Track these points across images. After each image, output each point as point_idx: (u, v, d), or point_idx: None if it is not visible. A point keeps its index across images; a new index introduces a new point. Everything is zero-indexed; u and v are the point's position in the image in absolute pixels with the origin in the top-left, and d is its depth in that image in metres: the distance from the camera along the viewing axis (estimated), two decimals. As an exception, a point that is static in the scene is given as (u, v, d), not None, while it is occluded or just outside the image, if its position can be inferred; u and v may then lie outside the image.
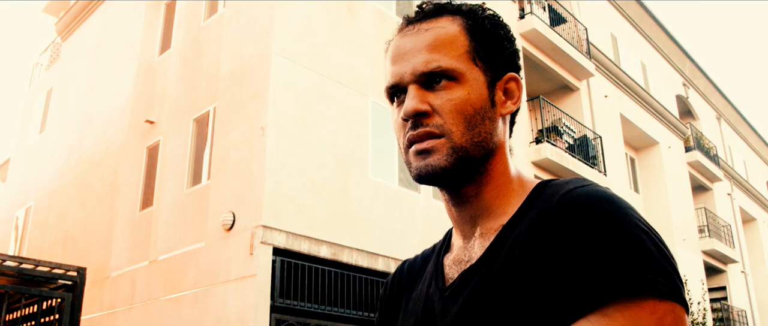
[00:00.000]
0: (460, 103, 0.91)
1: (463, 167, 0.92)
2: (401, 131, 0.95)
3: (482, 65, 0.94)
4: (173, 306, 8.65)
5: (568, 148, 13.37)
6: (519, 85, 0.97)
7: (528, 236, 0.83)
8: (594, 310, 0.73)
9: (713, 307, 18.68)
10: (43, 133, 14.90)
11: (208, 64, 9.97)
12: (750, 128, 26.51)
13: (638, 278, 0.73)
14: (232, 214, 8.15)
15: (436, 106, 0.91)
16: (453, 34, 0.94)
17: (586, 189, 0.83)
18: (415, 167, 0.93)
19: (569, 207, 0.81)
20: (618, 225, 0.77)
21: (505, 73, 0.97)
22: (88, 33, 14.44)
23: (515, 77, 0.97)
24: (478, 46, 0.94)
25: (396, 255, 9.09)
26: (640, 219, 0.80)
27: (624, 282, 0.73)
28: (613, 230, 0.77)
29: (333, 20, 9.56)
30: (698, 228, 19.13)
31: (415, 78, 0.93)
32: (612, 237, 0.76)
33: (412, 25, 0.99)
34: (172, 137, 10.11)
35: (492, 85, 0.95)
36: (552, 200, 0.84)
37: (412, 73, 0.94)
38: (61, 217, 12.53)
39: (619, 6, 18.69)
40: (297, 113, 8.60)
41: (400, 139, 0.96)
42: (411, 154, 0.93)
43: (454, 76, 0.92)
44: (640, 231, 0.78)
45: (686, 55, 21.75)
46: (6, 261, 5.46)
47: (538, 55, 13.98)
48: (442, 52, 0.93)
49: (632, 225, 0.78)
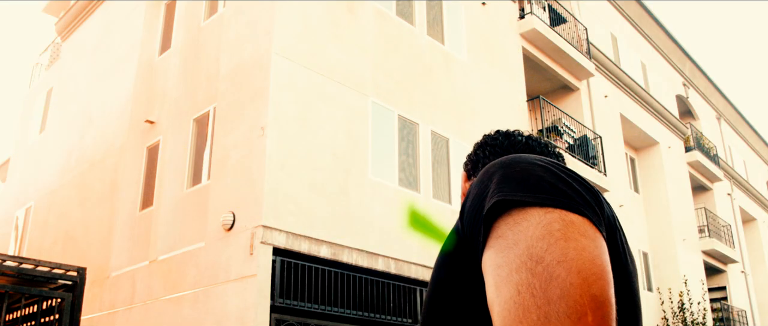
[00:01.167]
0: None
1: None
2: None
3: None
4: (173, 306, 8.65)
5: (568, 148, 13.37)
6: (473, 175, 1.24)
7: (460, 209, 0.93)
8: (489, 236, 0.78)
9: (713, 307, 18.68)
10: (43, 133, 14.90)
11: (208, 64, 9.96)
12: (750, 128, 26.51)
13: (522, 194, 0.77)
14: (232, 214, 8.15)
15: None
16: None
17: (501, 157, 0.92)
18: None
19: (480, 171, 0.90)
20: (509, 165, 0.84)
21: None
22: (88, 33, 14.44)
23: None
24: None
25: (396, 255, 9.09)
26: (540, 161, 0.84)
27: (507, 200, 0.77)
28: (504, 169, 0.84)
29: (333, 20, 9.56)
30: (698, 228, 19.13)
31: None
32: (502, 173, 0.83)
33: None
34: (172, 137, 10.11)
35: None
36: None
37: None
38: (61, 217, 12.53)
39: (619, 6, 18.69)
40: (297, 113, 8.60)
41: None
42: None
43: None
44: (534, 166, 0.83)
45: (686, 55, 21.75)
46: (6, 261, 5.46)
47: (538, 55, 13.98)
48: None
49: (526, 162, 0.84)
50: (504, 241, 0.75)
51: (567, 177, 0.81)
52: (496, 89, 12.30)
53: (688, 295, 16.16)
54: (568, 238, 0.72)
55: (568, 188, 0.79)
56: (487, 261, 0.77)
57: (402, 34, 10.72)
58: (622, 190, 15.61)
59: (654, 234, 17.40)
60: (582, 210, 0.76)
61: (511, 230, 0.75)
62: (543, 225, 0.74)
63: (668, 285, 16.53)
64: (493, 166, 0.86)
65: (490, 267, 0.76)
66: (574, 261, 0.70)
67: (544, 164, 0.83)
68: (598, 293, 0.68)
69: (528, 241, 0.73)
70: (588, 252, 0.71)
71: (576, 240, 0.72)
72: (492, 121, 11.65)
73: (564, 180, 0.80)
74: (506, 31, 13.33)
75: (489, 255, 0.77)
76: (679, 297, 16.20)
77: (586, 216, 0.76)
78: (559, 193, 0.77)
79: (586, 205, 0.78)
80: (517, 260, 0.72)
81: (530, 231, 0.74)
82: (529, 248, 0.72)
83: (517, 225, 0.75)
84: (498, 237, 0.77)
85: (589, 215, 0.76)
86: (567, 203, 0.76)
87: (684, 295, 16.16)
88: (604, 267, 0.71)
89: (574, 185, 0.80)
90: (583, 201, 0.78)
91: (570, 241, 0.72)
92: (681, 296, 16.10)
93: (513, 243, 0.74)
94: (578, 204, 0.77)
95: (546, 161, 0.84)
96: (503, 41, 13.11)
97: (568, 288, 0.68)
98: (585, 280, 0.69)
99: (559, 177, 0.80)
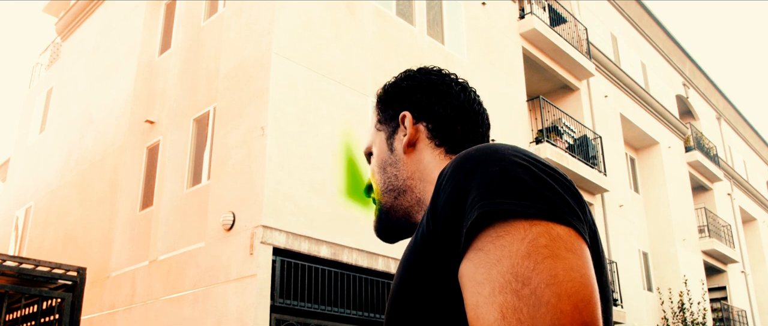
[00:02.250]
0: (375, 168, 1.15)
1: (393, 218, 1.10)
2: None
3: (382, 127, 1.15)
4: (173, 306, 8.65)
5: (568, 148, 13.37)
6: (406, 116, 1.10)
7: (429, 204, 0.85)
8: (469, 247, 0.73)
9: (713, 307, 18.68)
10: (43, 133, 14.90)
11: (208, 64, 9.97)
12: (750, 128, 26.52)
13: (503, 204, 0.71)
14: (232, 214, 8.15)
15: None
16: (372, 119, 1.19)
17: (475, 146, 0.83)
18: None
19: (448, 165, 0.82)
20: (486, 162, 0.77)
21: (398, 117, 1.12)
22: (88, 33, 14.44)
23: (405, 113, 1.11)
24: (380, 114, 1.16)
25: (396, 255, 9.09)
26: (518, 156, 0.78)
27: (488, 210, 0.71)
28: (480, 168, 0.77)
29: (333, 20, 9.56)
30: (698, 228, 19.13)
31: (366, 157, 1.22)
32: (479, 173, 0.76)
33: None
34: (172, 137, 10.11)
35: (391, 137, 1.13)
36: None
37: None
38: (61, 217, 12.53)
39: (619, 6, 18.69)
40: (297, 113, 8.60)
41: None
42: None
43: (371, 151, 1.17)
44: (514, 164, 0.76)
45: (686, 55, 21.76)
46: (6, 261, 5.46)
47: (538, 55, 13.98)
48: (367, 137, 1.20)
49: (505, 160, 0.77)
50: (485, 256, 0.70)
51: (548, 178, 0.75)
52: (496, 89, 12.30)
53: (688, 295, 16.16)
54: (555, 256, 0.68)
55: (550, 192, 0.73)
56: (465, 275, 0.72)
57: (402, 34, 10.72)
58: (622, 190, 15.62)
59: (654, 234, 17.40)
60: (568, 220, 0.71)
61: (493, 244, 0.70)
62: (528, 240, 0.69)
63: (668, 285, 16.53)
64: (468, 161, 0.79)
65: (470, 283, 0.71)
66: (564, 284, 0.66)
67: (524, 161, 0.77)
68: (588, 319, 0.65)
69: (512, 258, 0.68)
70: (576, 272, 0.67)
71: (564, 257, 0.68)
72: (492, 121, 11.62)
73: (545, 182, 0.74)
74: (506, 31, 13.33)
75: (467, 269, 0.72)
76: (679, 297, 16.20)
77: (572, 225, 0.71)
78: (543, 200, 0.72)
79: (570, 212, 0.73)
80: (500, 279, 0.68)
81: (514, 246, 0.69)
82: (513, 266, 0.68)
83: (499, 238, 0.70)
84: (478, 250, 0.71)
85: (575, 224, 0.72)
86: (552, 212, 0.71)
87: (684, 295, 16.16)
88: (593, 289, 0.68)
89: (556, 188, 0.74)
90: (566, 207, 0.73)
91: (558, 260, 0.68)
92: (681, 296, 16.10)
93: (495, 260, 0.69)
94: (563, 212, 0.72)
95: (524, 155, 0.79)
96: (503, 41, 13.11)
97: (559, 316, 0.64)
98: (575, 306, 0.65)
99: (540, 180, 0.74)
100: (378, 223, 1.13)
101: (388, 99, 1.15)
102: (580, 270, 0.68)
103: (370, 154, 1.18)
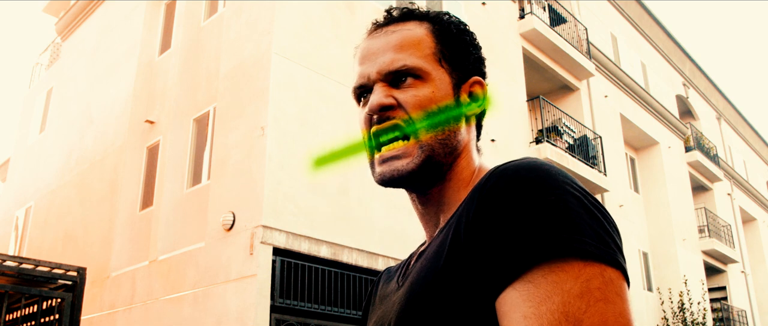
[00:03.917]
0: (425, 99, 0.94)
1: (430, 168, 0.94)
2: (366, 128, 0.98)
3: (448, 67, 0.97)
4: (173, 306, 8.65)
5: (568, 148, 13.37)
6: (484, 88, 1.00)
7: (461, 213, 0.82)
8: (518, 277, 0.71)
9: (713, 307, 18.68)
10: (43, 133, 14.90)
11: (208, 64, 9.97)
12: (750, 128, 26.52)
13: (560, 239, 0.70)
14: (232, 214, 8.15)
15: (401, 100, 0.94)
16: (419, 36, 0.97)
17: (517, 162, 0.81)
18: (379, 172, 0.96)
19: (495, 179, 0.79)
20: (542, 189, 0.75)
21: (470, 77, 0.99)
22: (88, 33, 14.44)
23: (480, 81, 1.00)
24: (444, 49, 0.97)
25: (396, 255, 9.09)
26: (570, 184, 0.77)
27: (545, 244, 0.70)
28: (536, 195, 0.74)
29: (333, 20, 9.56)
30: (698, 228, 19.13)
31: (382, 77, 0.96)
32: (535, 201, 0.74)
33: (381, 28, 1.01)
34: (172, 137, 10.11)
35: (457, 87, 0.97)
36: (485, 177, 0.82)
37: (379, 72, 0.97)
38: (61, 217, 12.53)
39: (619, 6, 18.69)
40: (297, 113, 8.60)
41: (365, 136, 0.99)
42: (377, 157, 0.96)
43: (420, 75, 0.95)
44: (568, 194, 0.75)
45: (686, 55, 21.76)
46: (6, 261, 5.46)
47: (538, 55, 13.98)
48: (408, 51, 0.96)
49: (560, 189, 0.75)
50: (535, 289, 0.70)
51: (599, 214, 0.75)
52: (496, 89, 12.31)
53: (688, 295, 16.16)
54: (607, 300, 0.68)
55: (603, 231, 0.73)
56: (509, 304, 0.71)
57: (402, 34, 10.71)
58: (622, 190, 15.62)
59: (654, 234, 17.41)
60: (618, 262, 0.72)
61: (545, 278, 0.70)
62: (582, 280, 0.69)
63: (668, 285, 16.54)
64: (521, 184, 0.76)
65: (515, 314, 0.70)
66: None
67: (577, 191, 0.76)
68: None
69: (564, 296, 0.68)
70: (624, 318, 0.69)
71: (614, 302, 0.69)
72: (492, 121, 11.64)
73: (598, 219, 0.74)
74: (506, 31, 13.33)
75: (513, 299, 0.71)
76: (679, 297, 16.20)
77: (620, 268, 0.72)
78: (598, 240, 0.72)
79: (619, 252, 0.74)
80: (549, 316, 0.68)
81: (568, 285, 0.69)
82: (565, 304, 0.68)
83: (552, 273, 0.70)
84: (527, 282, 0.70)
85: (623, 267, 0.73)
86: (605, 254, 0.71)
87: (684, 295, 16.16)
88: None
89: (606, 226, 0.75)
90: (617, 248, 0.74)
91: (609, 304, 0.68)
92: (681, 296, 16.11)
93: (546, 296, 0.69)
94: (615, 254, 0.72)
95: (573, 183, 0.78)
96: (503, 41, 13.11)
97: None
98: None
99: (594, 216, 0.74)
100: (407, 165, 0.93)
101: (459, 43, 0.99)
102: (627, 316, 0.69)
103: (408, 75, 0.95)
